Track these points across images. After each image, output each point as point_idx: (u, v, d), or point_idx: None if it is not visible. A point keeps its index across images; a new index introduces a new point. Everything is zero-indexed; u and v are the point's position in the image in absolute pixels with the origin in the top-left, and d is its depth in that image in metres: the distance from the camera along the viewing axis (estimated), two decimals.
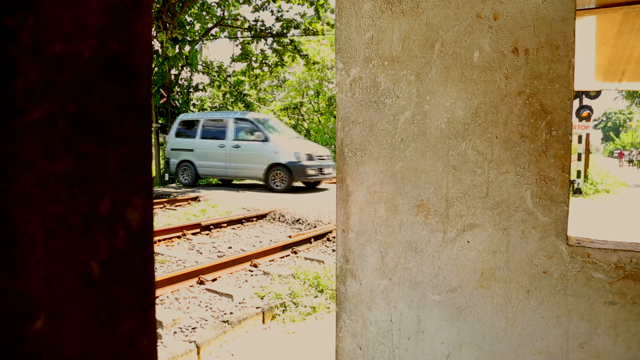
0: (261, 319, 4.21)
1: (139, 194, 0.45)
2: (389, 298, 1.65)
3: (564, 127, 1.39)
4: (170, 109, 17.23)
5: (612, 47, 2.27)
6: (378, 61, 1.60)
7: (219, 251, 6.62)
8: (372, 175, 1.62)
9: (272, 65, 21.43)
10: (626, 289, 1.37)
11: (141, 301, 0.46)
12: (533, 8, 1.43)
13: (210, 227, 7.91)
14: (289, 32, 19.60)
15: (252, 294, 4.77)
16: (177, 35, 16.59)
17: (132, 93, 0.44)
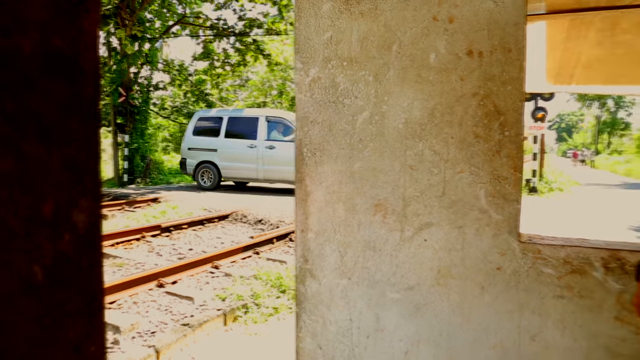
0: (223, 321, 4.16)
1: (85, 196, 0.43)
2: (348, 297, 1.65)
3: (516, 127, 1.44)
4: (129, 108, 16.79)
5: (561, 51, 2.37)
6: (337, 61, 1.61)
7: (179, 253, 6.49)
8: (331, 175, 1.62)
9: (234, 65, 21.19)
10: (573, 283, 1.42)
11: (89, 306, 0.44)
12: (487, 12, 1.46)
13: (171, 228, 7.75)
14: (251, 31, 19.44)
15: (214, 296, 4.70)
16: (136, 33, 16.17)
17: (78, 91, 0.42)
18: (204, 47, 20.57)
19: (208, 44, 20.49)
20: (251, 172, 12.72)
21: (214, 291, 4.89)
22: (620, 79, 2.78)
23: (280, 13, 18.65)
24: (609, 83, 2.91)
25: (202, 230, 8.13)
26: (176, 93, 24.32)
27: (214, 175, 13.08)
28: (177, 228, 7.87)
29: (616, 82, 2.84)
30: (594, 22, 2.06)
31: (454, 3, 1.49)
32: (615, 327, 1.40)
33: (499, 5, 1.45)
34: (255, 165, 12.62)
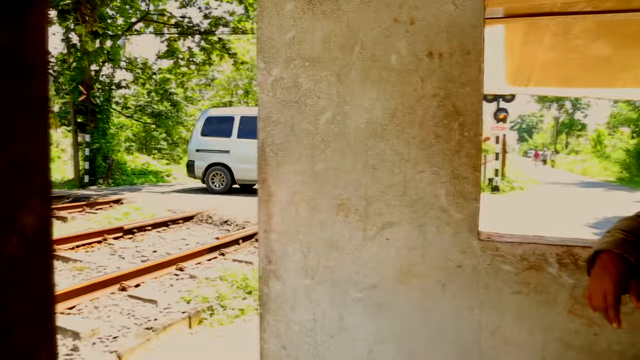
0: (187, 324, 4.09)
1: (34, 197, 0.41)
2: (312, 297, 1.65)
3: (475, 128, 1.47)
4: (90, 106, 16.31)
5: (519, 54, 2.44)
6: (299, 61, 1.61)
7: (142, 255, 6.36)
8: (294, 175, 1.62)
9: (199, 64, 20.87)
10: (530, 278, 1.47)
11: (39, 311, 0.42)
12: (446, 15, 1.49)
13: (134, 230, 7.58)
14: (217, 30, 19.21)
15: (178, 299, 4.62)
16: (97, 29, 15.70)
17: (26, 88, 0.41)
18: (169, 46, 20.19)
19: (172, 42, 20.12)
20: None
21: (178, 294, 4.81)
22: (574, 82, 2.89)
23: (247, 12, 18.50)
24: (564, 85, 3.02)
25: (166, 232, 7.98)
26: (139, 92, 23.77)
27: (227, 178, 12.49)
28: (140, 230, 7.70)
29: (570, 84, 2.96)
30: (549, 27, 2.13)
31: (415, 5, 1.51)
32: (568, 320, 1.45)
33: (458, 8, 1.48)
34: None
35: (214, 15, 18.94)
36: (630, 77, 2.60)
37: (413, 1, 1.51)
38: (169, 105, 22.47)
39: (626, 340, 1.40)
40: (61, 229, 7.85)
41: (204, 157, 12.60)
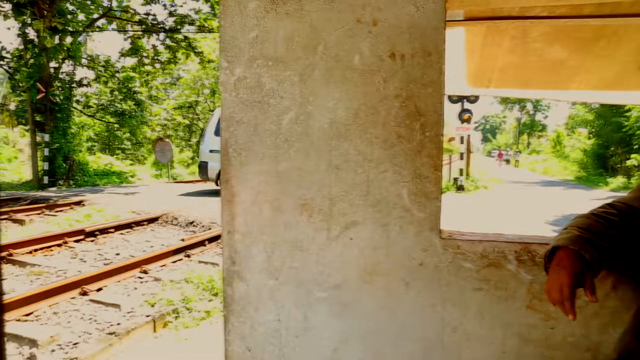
0: (152, 328, 4.01)
1: None
2: (276, 298, 1.65)
3: (437, 128, 1.49)
4: (50, 105, 15.77)
5: (479, 56, 2.51)
6: (262, 61, 1.60)
7: (105, 258, 6.19)
8: (257, 176, 1.60)
9: (164, 62, 20.48)
10: (490, 275, 1.50)
11: None
12: (408, 16, 1.51)
13: (96, 233, 7.38)
14: (182, 28, 18.89)
15: (142, 302, 4.53)
16: (56, 25, 15.18)
17: None
18: (132, 43, 19.72)
19: (136, 40, 19.68)
20: None
21: (142, 297, 4.71)
22: (532, 84, 2.98)
23: (213, 10, 18.27)
24: (523, 87, 3.12)
25: (130, 234, 7.81)
26: (102, 90, 23.11)
27: None
28: (103, 232, 7.51)
29: (529, 86, 3.05)
30: (508, 30, 2.19)
31: (377, 6, 1.52)
32: (526, 315, 1.49)
33: (419, 10, 1.50)
34: None
35: (179, 13, 18.62)
36: (584, 80, 2.71)
37: (376, 2, 1.52)
38: (132, 104, 21.93)
39: (579, 332, 1.46)
40: (18, 232, 7.57)
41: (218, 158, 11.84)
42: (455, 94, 9.50)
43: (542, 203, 13.59)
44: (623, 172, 23.08)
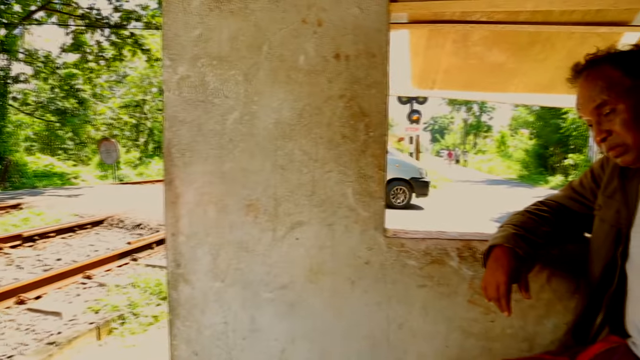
0: (96, 335, 3.86)
1: None
2: (223, 300, 1.62)
3: (381, 128, 1.52)
4: None
5: (423, 58, 2.58)
6: (207, 60, 1.57)
7: (45, 265, 5.90)
8: (202, 176, 1.58)
9: (109, 59, 19.73)
10: (433, 272, 1.54)
11: None
12: (353, 18, 1.52)
13: (35, 237, 7.01)
14: (129, 24, 18.28)
15: (85, 309, 4.35)
16: None
17: None
18: (74, 38, 18.89)
19: (79, 35, 18.86)
20: None
21: (85, 304, 4.53)
22: (474, 86, 3.10)
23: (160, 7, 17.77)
24: (465, 89, 3.23)
25: (72, 238, 7.48)
26: (41, 87, 21.97)
27: None
28: (42, 237, 7.15)
29: (471, 88, 3.17)
30: (450, 33, 2.27)
31: (322, 7, 1.53)
32: (468, 309, 1.54)
33: (363, 12, 1.52)
34: None
35: (125, 9, 18.01)
36: (521, 83, 2.84)
37: (321, 3, 1.52)
38: (75, 102, 21.00)
39: (517, 324, 1.52)
40: None
41: None
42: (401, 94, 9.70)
43: (488, 201, 14.11)
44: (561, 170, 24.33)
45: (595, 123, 1.11)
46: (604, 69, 1.12)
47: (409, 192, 12.09)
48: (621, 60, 1.11)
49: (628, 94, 1.06)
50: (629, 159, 1.09)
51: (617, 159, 1.11)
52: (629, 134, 1.05)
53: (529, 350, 1.52)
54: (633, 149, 1.06)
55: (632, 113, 1.05)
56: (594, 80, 1.12)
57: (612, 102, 1.07)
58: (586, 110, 1.12)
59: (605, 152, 1.12)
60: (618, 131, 1.06)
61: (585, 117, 1.15)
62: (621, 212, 1.20)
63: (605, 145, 1.11)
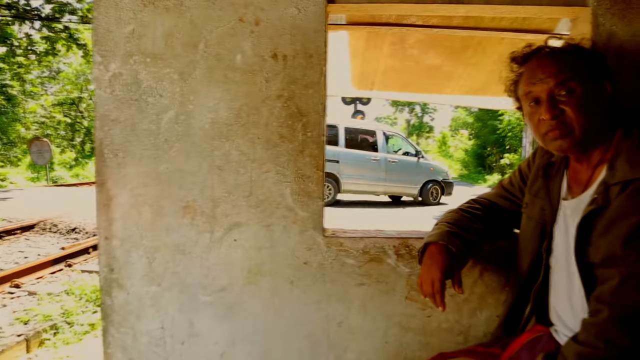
0: (25, 348, 3.63)
1: None
2: (160, 305, 1.58)
3: (318, 128, 1.53)
4: None
5: (362, 59, 2.62)
6: (140, 57, 1.52)
7: None
8: (136, 178, 1.53)
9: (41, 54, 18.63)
10: (371, 270, 1.57)
11: None
12: (290, 18, 1.52)
13: None
14: (62, 17, 17.34)
15: (13, 320, 4.09)
16: None
17: None
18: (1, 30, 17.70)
19: (5, 27, 17.69)
20: (373, 186, 12.47)
21: (13, 314, 4.25)
22: (412, 88, 3.20)
23: None
24: (403, 90, 3.32)
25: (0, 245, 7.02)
26: None
27: (334, 188, 12.01)
28: None
29: (409, 90, 3.27)
30: (387, 36, 2.32)
31: (260, 6, 1.52)
32: (406, 305, 1.58)
33: (301, 12, 1.53)
34: (381, 177, 12.44)
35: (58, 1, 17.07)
36: (456, 85, 2.96)
37: (258, 2, 1.52)
38: (2, 99, 19.68)
39: (453, 318, 1.58)
40: None
41: None
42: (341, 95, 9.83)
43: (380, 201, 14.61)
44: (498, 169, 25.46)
45: (549, 99, 1.11)
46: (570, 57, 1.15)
47: (440, 191, 13.24)
48: (585, 55, 1.16)
49: (586, 84, 1.10)
50: (565, 145, 1.11)
51: (556, 142, 1.12)
52: (580, 117, 1.08)
53: (464, 342, 1.58)
54: (575, 136, 1.09)
55: (586, 100, 1.09)
56: (560, 60, 1.14)
57: (574, 83, 1.09)
58: (545, 84, 1.12)
59: (547, 132, 1.13)
60: (570, 112, 1.09)
61: (537, 94, 1.14)
62: (545, 209, 1.27)
63: (551, 125, 1.11)
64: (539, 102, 1.14)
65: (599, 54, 1.20)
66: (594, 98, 1.11)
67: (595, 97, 1.11)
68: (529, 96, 1.17)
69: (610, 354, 0.94)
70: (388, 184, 12.73)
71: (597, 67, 1.16)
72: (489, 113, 26.84)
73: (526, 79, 1.18)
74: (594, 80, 1.12)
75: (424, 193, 13.16)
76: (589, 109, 1.09)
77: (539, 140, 1.18)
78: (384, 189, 12.82)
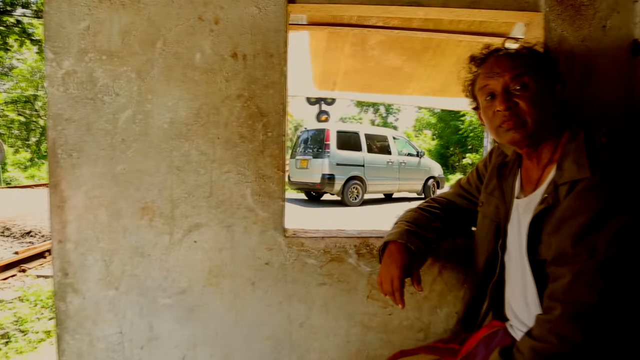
0: None
1: None
2: (117, 309, 1.54)
3: (279, 128, 1.52)
4: None
5: (323, 60, 2.64)
6: (95, 54, 1.48)
7: None
8: (91, 179, 1.48)
9: None
10: (333, 270, 1.57)
11: None
12: (250, 17, 1.51)
13: None
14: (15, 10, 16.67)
15: None
16: None
17: None
18: None
19: None
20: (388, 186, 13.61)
21: None
22: (373, 88, 3.23)
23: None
24: (365, 91, 3.36)
25: None
26: None
27: (362, 190, 12.82)
28: None
29: (370, 90, 3.30)
30: (348, 37, 2.34)
31: (220, 5, 1.51)
32: (367, 304, 1.59)
33: (261, 11, 1.52)
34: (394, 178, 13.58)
35: None
36: (417, 86, 3.01)
37: (218, 1, 1.50)
38: None
39: (413, 316, 1.60)
40: None
41: (343, 171, 12.49)
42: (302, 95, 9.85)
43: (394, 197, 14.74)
44: (460, 169, 26.07)
45: (503, 92, 1.16)
46: (525, 57, 1.20)
47: (437, 185, 14.83)
48: (539, 57, 1.22)
49: (539, 81, 1.16)
50: (517, 136, 1.15)
51: (509, 132, 1.16)
52: (532, 110, 1.13)
53: (425, 339, 1.61)
54: (527, 128, 1.14)
55: (539, 95, 1.14)
56: (515, 58, 1.20)
57: (528, 79, 1.15)
58: (501, 78, 1.17)
59: (501, 124, 1.17)
60: (523, 105, 1.14)
61: (493, 87, 1.19)
62: (499, 208, 1.30)
63: (505, 117, 1.15)
64: (494, 96, 1.19)
65: (552, 58, 1.26)
66: (545, 95, 1.16)
67: (547, 95, 1.16)
68: (485, 90, 1.21)
69: (563, 349, 0.97)
70: (401, 183, 13.98)
71: (550, 69, 1.21)
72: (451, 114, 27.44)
73: (483, 74, 1.23)
74: (547, 81, 1.17)
75: (425, 188, 14.60)
76: (540, 104, 1.14)
77: (493, 133, 1.22)
78: (398, 188, 13.99)
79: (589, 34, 1.59)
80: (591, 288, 0.97)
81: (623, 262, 0.98)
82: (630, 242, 0.98)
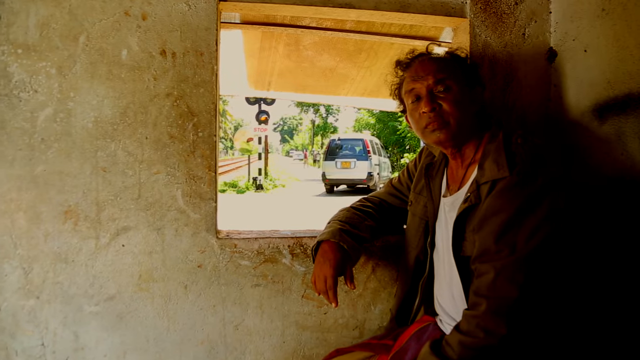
0: None
1: None
2: (39, 319, 1.45)
3: (209, 128, 1.50)
4: None
5: (258, 59, 2.62)
6: (9, 47, 1.39)
7: None
8: (7, 181, 1.39)
9: None
10: (267, 270, 1.57)
11: None
12: (180, 14, 1.48)
13: None
14: None
15: None
16: None
17: None
18: None
19: None
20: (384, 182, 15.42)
21: None
22: (308, 89, 3.25)
23: None
24: (300, 91, 3.37)
25: None
26: None
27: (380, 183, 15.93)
28: None
29: (305, 91, 3.32)
30: (282, 37, 2.34)
31: (147, 0, 1.46)
32: (302, 304, 1.60)
33: (191, 8, 1.49)
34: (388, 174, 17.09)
35: None
36: (351, 87, 3.06)
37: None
38: None
39: (348, 314, 1.62)
40: None
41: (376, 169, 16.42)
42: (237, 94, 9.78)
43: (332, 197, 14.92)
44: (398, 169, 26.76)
45: (428, 94, 1.20)
46: (450, 62, 1.26)
47: None
48: (461, 62, 1.28)
49: (461, 85, 1.22)
50: (442, 136, 1.20)
51: (434, 133, 1.21)
52: (455, 111, 1.18)
53: (360, 336, 1.63)
54: (451, 128, 1.19)
55: (461, 98, 1.20)
56: (440, 62, 1.25)
57: (451, 82, 1.20)
58: (425, 81, 1.21)
59: (427, 125, 1.21)
60: (446, 107, 1.19)
61: (418, 90, 1.23)
62: (427, 206, 1.35)
63: (430, 118, 1.20)
64: (420, 98, 1.24)
65: (473, 63, 1.33)
66: (467, 98, 1.22)
67: (469, 98, 1.23)
68: (411, 93, 1.26)
69: (489, 342, 1.01)
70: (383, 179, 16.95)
71: (471, 74, 1.27)
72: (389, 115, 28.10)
73: (408, 78, 1.28)
74: (468, 84, 1.23)
75: None
76: (462, 106, 1.20)
77: (420, 134, 1.26)
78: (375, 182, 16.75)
79: (510, 40, 1.69)
80: (512, 283, 1.02)
81: (543, 255, 1.03)
82: (550, 235, 1.04)
